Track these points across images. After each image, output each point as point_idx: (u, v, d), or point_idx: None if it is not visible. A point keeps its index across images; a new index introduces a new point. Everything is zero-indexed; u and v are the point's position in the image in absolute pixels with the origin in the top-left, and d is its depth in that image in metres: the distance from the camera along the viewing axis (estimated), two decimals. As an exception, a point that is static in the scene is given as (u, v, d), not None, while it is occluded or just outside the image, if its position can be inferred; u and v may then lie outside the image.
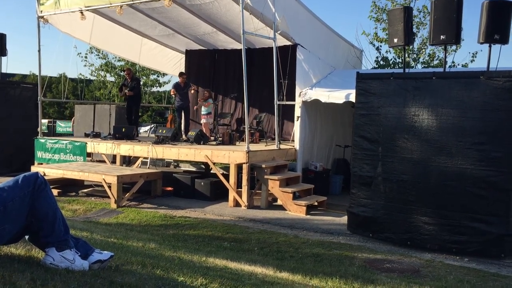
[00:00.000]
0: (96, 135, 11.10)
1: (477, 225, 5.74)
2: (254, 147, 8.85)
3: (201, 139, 9.77)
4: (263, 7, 8.38)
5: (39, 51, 10.85)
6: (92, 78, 24.36)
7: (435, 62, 14.78)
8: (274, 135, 10.02)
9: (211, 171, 9.81)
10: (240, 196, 8.43)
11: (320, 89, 9.40)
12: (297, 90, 9.49)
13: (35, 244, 2.55)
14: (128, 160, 11.09)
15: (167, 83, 22.77)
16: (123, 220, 7.29)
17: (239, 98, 12.34)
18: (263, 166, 8.34)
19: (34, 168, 9.40)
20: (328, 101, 9.09)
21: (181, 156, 9.22)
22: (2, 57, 11.63)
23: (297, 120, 9.47)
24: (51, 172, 8.94)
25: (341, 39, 12.09)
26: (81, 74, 23.14)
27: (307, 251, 5.73)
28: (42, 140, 10.82)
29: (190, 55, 13.77)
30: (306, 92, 9.36)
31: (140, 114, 20.61)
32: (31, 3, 48.34)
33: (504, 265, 5.54)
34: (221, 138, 10.14)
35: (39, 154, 10.77)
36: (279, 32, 8.89)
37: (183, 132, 11.20)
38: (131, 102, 11.70)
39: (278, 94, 9.19)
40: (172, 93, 11.40)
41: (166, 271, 2.76)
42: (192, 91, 11.73)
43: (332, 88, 9.29)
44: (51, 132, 19.86)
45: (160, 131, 10.24)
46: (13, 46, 29.24)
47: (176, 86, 11.40)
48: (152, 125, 14.15)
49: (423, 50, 15.03)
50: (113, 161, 10.67)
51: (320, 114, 10.19)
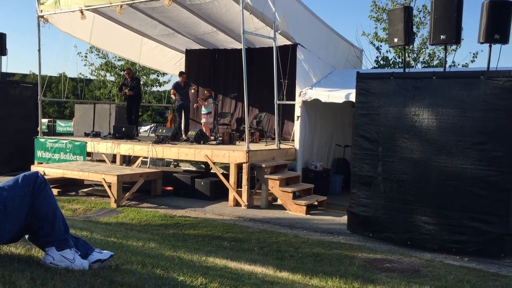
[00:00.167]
0: (96, 135, 11.10)
1: (477, 225, 5.75)
2: (254, 147, 8.86)
3: (201, 139, 9.77)
4: (263, 7, 8.38)
5: (39, 51, 10.85)
6: (92, 78, 24.39)
7: (435, 62, 14.78)
8: (274, 135, 10.02)
9: (211, 171, 9.81)
10: (240, 196, 8.44)
11: (320, 89, 9.40)
12: (297, 90, 9.49)
13: (35, 244, 2.55)
14: (128, 160, 11.09)
15: (167, 83, 22.79)
16: (123, 220, 7.29)
17: (239, 98, 12.34)
18: (263, 166, 8.34)
19: (34, 168, 9.39)
20: (328, 101, 9.09)
21: (181, 156, 9.22)
22: (2, 57, 11.62)
23: (297, 120, 9.47)
24: (51, 172, 8.94)
25: (341, 39, 12.09)
26: (81, 74, 23.22)
27: (307, 251, 5.72)
28: (42, 140, 10.82)
29: (190, 55, 13.77)
30: (306, 92, 9.36)
31: (140, 114, 20.60)
32: (31, 3, 48.40)
33: (504, 265, 5.54)
34: (221, 138, 10.14)
35: (39, 154, 10.77)
36: (279, 32, 8.88)
37: (183, 132, 11.20)
38: (131, 102, 11.71)
39: (278, 94, 9.20)
40: (172, 94, 11.40)
41: (166, 271, 2.76)
42: (193, 91, 11.74)
43: (332, 88, 9.30)
44: (51, 132, 19.87)
45: (160, 131, 10.25)
46: (13, 46, 29.16)
47: (176, 86, 11.41)
48: (152, 125, 14.16)
49: (423, 50, 15.03)
50: (113, 161, 10.67)
51: (320, 114, 10.19)
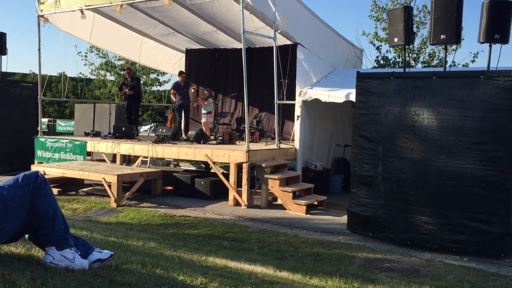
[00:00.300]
0: (96, 134, 11.09)
1: (477, 225, 5.75)
2: (254, 147, 8.86)
3: (201, 138, 9.77)
4: (263, 6, 8.38)
5: (39, 50, 10.84)
6: (92, 77, 24.38)
7: (435, 62, 14.78)
8: (274, 135, 10.02)
9: (211, 170, 9.81)
10: (240, 196, 8.44)
11: (320, 89, 9.40)
12: (297, 90, 9.49)
13: (35, 243, 2.55)
14: (128, 159, 11.09)
15: (167, 82, 22.78)
16: (123, 219, 7.29)
17: (239, 98, 12.34)
18: (263, 166, 8.34)
19: (34, 167, 9.39)
20: (328, 101, 9.09)
21: (181, 155, 9.22)
22: (2, 56, 11.61)
23: (297, 120, 9.47)
24: (51, 171, 8.94)
25: (341, 39, 12.09)
26: (81, 73, 23.20)
27: (307, 251, 5.73)
28: (42, 139, 10.82)
29: (190, 54, 13.77)
30: (306, 92, 9.36)
31: (140, 113, 20.58)
32: (31, 3, 48.40)
33: (504, 265, 5.54)
34: (221, 137, 10.14)
35: (39, 153, 10.77)
36: (279, 32, 8.88)
37: (183, 131, 11.21)
38: (131, 101, 11.71)
39: (278, 94, 9.20)
40: (172, 94, 11.41)
41: (166, 270, 2.76)
42: (193, 90, 11.74)
43: (332, 88, 9.29)
44: (51, 131, 19.83)
45: (160, 130, 10.25)
46: (13, 46, 29.12)
47: (176, 86, 11.41)
48: (152, 124, 14.13)
49: (423, 50, 15.03)
50: (113, 160, 10.67)
51: (320, 114, 10.19)
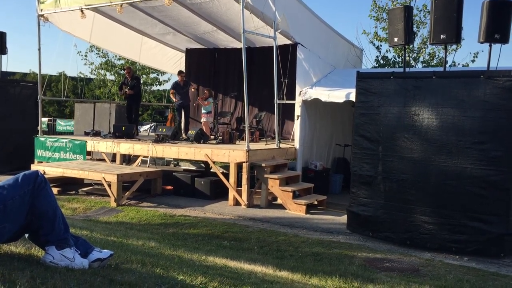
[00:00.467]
0: (96, 134, 11.09)
1: (477, 225, 5.75)
2: (254, 146, 8.86)
3: (201, 138, 9.77)
4: (264, 6, 8.37)
5: (39, 50, 10.84)
6: (92, 77, 24.38)
7: (435, 62, 14.77)
8: (274, 134, 10.02)
9: (211, 170, 9.81)
10: (240, 195, 8.44)
11: (320, 88, 9.40)
12: (297, 89, 9.48)
13: (35, 243, 2.55)
14: (128, 159, 11.09)
15: (167, 82, 22.80)
16: (123, 219, 7.29)
17: (239, 97, 12.34)
18: (263, 165, 8.34)
19: (34, 167, 9.38)
20: (328, 100, 9.08)
21: (181, 155, 9.22)
22: (2, 56, 11.61)
23: (297, 119, 9.46)
24: (51, 171, 8.94)
25: (341, 38, 12.09)
26: (81, 73, 23.20)
27: (307, 250, 5.73)
28: (42, 139, 10.82)
29: (190, 54, 13.77)
30: (306, 91, 9.35)
31: (140, 113, 20.58)
32: (31, 3, 48.34)
33: (504, 265, 5.54)
34: (221, 137, 10.14)
35: (39, 153, 10.76)
36: (280, 31, 8.88)
37: (183, 131, 11.21)
38: (131, 101, 11.72)
39: (278, 93, 9.20)
40: (172, 94, 11.41)
41: (166, 270, 2.76)
42: (193, 89, 11.74)
43: (332, 87, 9.29)
44: (51, 131, 19.83)
45: (160, 130, 10.25)
46: (13, 46, 29.17)
47: (176, 85, 11.41)
48: (152, 124, 14.14)
49: (423, 50, 15.02)
50: (113, 160, 10.67)
51: (320, 113, 10.18)
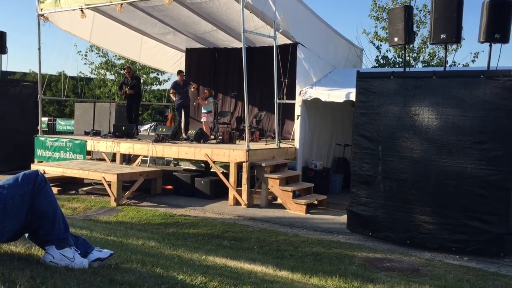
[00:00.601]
0: (96, 133, 11.09)
1: (477, 224, 5.75)
2: (254, 146, 8.86)
3: (201, 138, 9.77)
4: (264, 6, 8.37)
5: (39, 49, 10.84)
6: (92, 76, 24.39)
7: (435, 61, 14.77)
8: (274, 134, 10.02)
9: (211, 170, 9.81)
10: (240, 195, 8.44)
11: (321, 88, 9.40)
12: (297, 89, 9.48)
13: (35, 242, 2.55)
14: (128, 159, 11.09)
15: (167, 81, 22.80)
16: (123, 219, 7.29)
17: (239, 97, 12.34)
18: (263, 165, 8.34)
19: (34, 166, 9.38)
20: (328, 100, 9.08)
21: (181, 155, 9.22)
22: (2, 55, 11.61)
23: (297, 119, 9.46)
24: (51, 170, 8.94)
25: (341, 38, 12.09)
26: (81, 72, 23.22)
27: (307, 250, 5.73)
28: (42, 138, 10.82)
29: (190, 54, 13.77)
30: (306, 91, 9.35)
31: (140, 113, 20.57)
32: (31, 3, 48.31)
33: (504, 264, 5.54)
34: (221, 137, 10.14)
35: (39, 152, 10.76)
36: (280, 31, 8.88)
37: (183, 131, 11.21)
38: (131, 101, 11.71)
39: (278, 93, 9.19)
40: (171, 94, 11.41)
41: (166, 270, 2.76)
42: (193, 89, 11.73)
43: (333, 87, 9.29)
44: (51, 130, 19.83)
45: (160, 130, 10.25)
46: (13, 46, 29.05)
47: (175, 85, 11.41)
48: (152, 124, 14.14)
49: (424, 49, 15.01)
50: (113, 159, 10.67)
51: (320, 113, 10.18)
